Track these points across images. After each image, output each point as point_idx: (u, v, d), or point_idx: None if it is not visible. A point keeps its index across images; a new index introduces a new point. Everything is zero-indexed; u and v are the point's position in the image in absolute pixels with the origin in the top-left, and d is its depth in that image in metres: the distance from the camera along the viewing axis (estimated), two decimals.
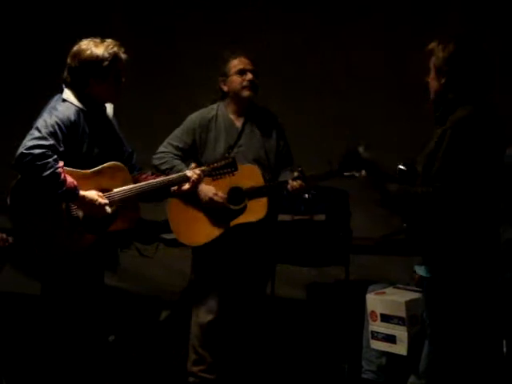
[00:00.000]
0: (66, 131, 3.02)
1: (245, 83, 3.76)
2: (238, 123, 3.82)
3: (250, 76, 3.76)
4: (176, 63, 5.85)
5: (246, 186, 3.71)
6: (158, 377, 4.22)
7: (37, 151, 2.91)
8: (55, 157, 2.96)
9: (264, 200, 3.72)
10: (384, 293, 3.89)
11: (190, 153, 3.80)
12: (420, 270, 3.02)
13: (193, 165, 3.40)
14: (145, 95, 5.80)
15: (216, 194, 3.70)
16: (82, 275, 3.17)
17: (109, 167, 3.16)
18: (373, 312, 3.84)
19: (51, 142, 2.95)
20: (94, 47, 3.12)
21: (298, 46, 5.61)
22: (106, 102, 3.24)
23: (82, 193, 3.03)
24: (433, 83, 2.98)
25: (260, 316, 3.98)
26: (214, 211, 3.73)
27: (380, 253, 4.85)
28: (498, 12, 5.20)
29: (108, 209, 3.10)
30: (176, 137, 3.82)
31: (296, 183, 3.65)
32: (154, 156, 3.78)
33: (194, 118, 3.85)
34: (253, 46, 5.49)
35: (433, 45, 2.97)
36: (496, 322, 3.06)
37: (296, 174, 3.66)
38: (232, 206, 3.73)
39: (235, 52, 3.83)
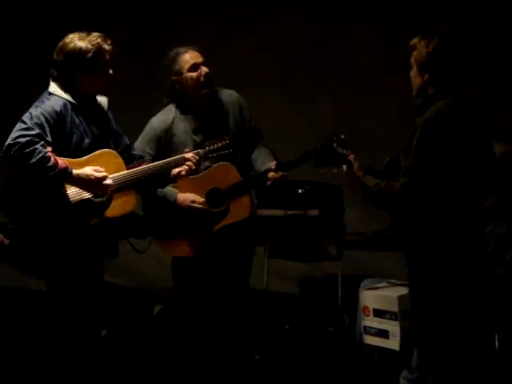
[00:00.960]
0: (53, 122, 3.03)
1: (201, 79, 3.58)
2: (199, 121, 3.64)
3: (204, 70, 3.58)
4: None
5: (224, 185, 3.59)
6: (151, 371, 4.22)
7: (23, 140, 2.93)
8: (42, 143, 2.97)
9: (246, 199, 3.63)
10: (377, 288, 3.90)
11: (162, 155, 3.56)
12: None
13: (186, 149, 3.37)
14: (141, 94, 5.79)
15: (194, 201, 3.58)
16: (84, 268, 3.17)
17: (100, 154, 3.15)
18: (365, 307, 3.85)
19: (37, 131, 2.97)
20: (78, 40, 3.13)
21: (292, 44, 5.61)
22: (96, 95, 3.24)
23: (75, 171, 3.03)
24: (415, 79, 2.99)
25: (245, 310, 3.95)
26: (196, 219, 3.62)
27: (373, 248, 4.86)
28: (495, 12, 5.22)
29: (108, 181, 3.08)
30: (143, 144, 3.60)
31: (276, 174, 3.53)
32: None
33: (154, 124, 3.65)
34: (247, 43, 5.53)
35: (415, 40, 2.98)
36: (485, 316, 3.07)
37: (273, 165, 3.54)
38: (213, 210, 3.61)
39: (184, 48, 3.64)
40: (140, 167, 3.25)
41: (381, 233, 4.72)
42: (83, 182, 3.05)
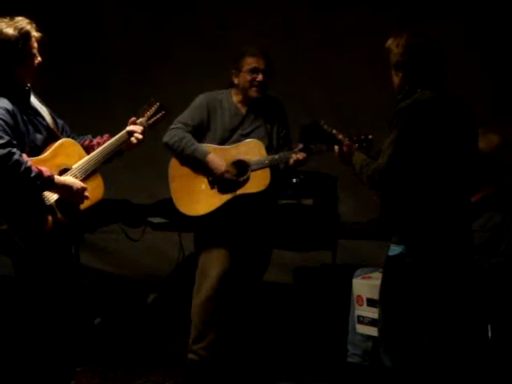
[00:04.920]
0: (10, 124, 2.89)
1: (254, 83, 3.83)
2: (243, 110, 3.90)
3: (260, 77, 3.82)
4: (168, 51, 5.84)
5: (251, 159, 3.79)
6: (144, 359, 4.22)
7: (2, 152, 2.78)
8: (19, 152, 2.84)
9: (266, 173, 3.77)
10: (370, 277, 3.90)
11: (199, 131, 3.86)
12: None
13: (130, 120, 3.34)
14: (137, 83, 5.79)
15: (227, 172, 3.77)
16: (55, 256, 3.07)
17: (60, 145, 3.07)
18: (359, 296, 3.85)
19: (7, 138, 2.83)
20: (5, 28, 2.95)
21: (287, 32, 5.61)
22: (26, 84, 3.06)
23: (57, 178, 2.94)
24: (394, 78, 3.08)
25: (253, 301, 4.01)
26: (216, 182, 3.79)
27: (367, 237, 4.86)
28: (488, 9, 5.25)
29: (87, 193, 3.04)
30: (185, 115, 3.87)
31: (300, 155, 3.73)
32: (165, 134, 3.82)
33: (204, 96, 3.91)
34: (242, 32, 5.53)
35: (388, 43, 3.07)
36: (464, 304, 3.13)
37: (300, 146, 3.73)
38: (235, 178, 3.79)
39: (253, 49, 3.88)
40: (98, 150, 3.16)
41: (375, 222, 4.72)
42: (64, 190, 2.96)
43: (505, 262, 3.51)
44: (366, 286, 3.85)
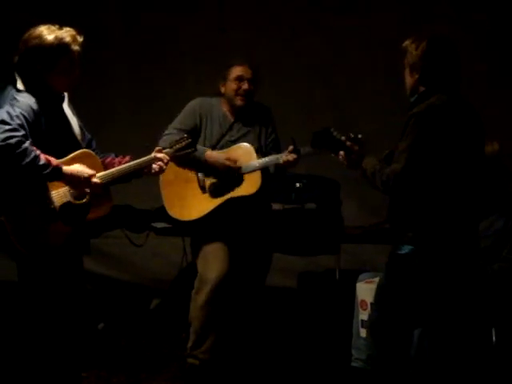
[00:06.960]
0: (31, 121, 2.94)
1: (239, 91, 3.89)
2: (231, 118, 3.95)
3: (245, 86, 3.88)
4: (168, 55, 5.85)
5: (242, 162, 3.82)
6: (148, 364, 4.22)
7: (13, 141, 2.83)
8: (30, 141, 2.89)
9: (257, 176, 3.80)
10: (374, 282, 3.89)
11: (192, 136, 3.81)
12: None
13: (156, 148, 3.37)
14: (137, 87, 5.81)
15: (228, 159, 3.80)
16: (59, 263, 3.08)
17: (79, 155, 3.09)
18: (363, 301, 3.85)
19: (22, 132, 2.88)
20: (46, 35, 2.99)
21: (287, 34, 5.62)
22: (58, 91, 3.11)
23: (65, 167, 2.96)
24: (407, 79, 3.10)
25: (255, 305, 4.03)
26: (208, 186, 3.83)
27: (371, 241, 4.86)
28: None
29: (95, 179, 3.03)
30: (178, 121, 3.92)
31: (290, 156, 3.74)
32: (160, 140, 3.82)
33: (196, 101, 3.97)
34: (241, 33, 5.54)
35: (406, 43, 3.08)
36: (473, 309, 3.15)
37: (290, 147, 3.75)
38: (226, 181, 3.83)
39: (240, 60, 3.96)
40: (116, 168, 3.18)
41: (377, 226, 4.73)
42: (74, 179, 2.98)
43: (507, 267, 3.51)
44: (369, 290, 3.84)
